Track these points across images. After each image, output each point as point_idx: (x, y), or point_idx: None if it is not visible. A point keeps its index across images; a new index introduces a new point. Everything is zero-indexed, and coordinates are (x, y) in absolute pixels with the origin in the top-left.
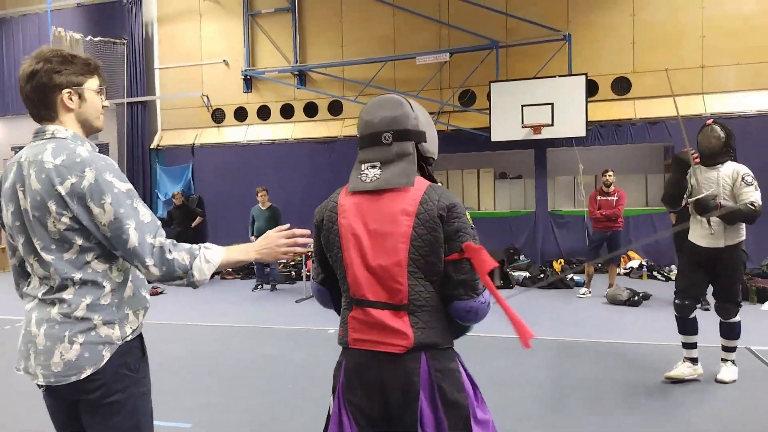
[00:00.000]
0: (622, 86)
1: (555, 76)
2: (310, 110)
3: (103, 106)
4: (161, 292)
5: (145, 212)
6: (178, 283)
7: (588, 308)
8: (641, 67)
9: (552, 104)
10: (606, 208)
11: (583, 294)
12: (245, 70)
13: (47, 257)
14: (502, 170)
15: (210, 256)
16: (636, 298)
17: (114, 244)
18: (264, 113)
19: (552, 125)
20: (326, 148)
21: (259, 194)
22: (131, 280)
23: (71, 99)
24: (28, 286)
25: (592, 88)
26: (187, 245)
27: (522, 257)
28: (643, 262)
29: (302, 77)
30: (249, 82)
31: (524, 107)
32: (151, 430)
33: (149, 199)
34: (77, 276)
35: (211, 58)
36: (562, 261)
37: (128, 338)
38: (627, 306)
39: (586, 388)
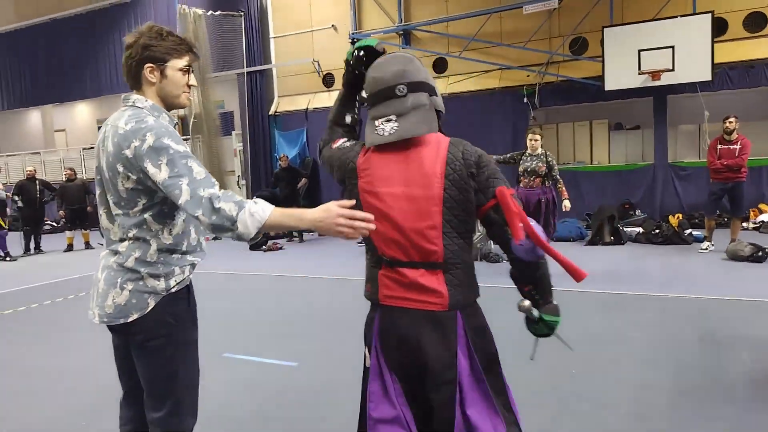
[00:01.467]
0: (756, 22)
1: (676, 17)
2: None
3: (188, 85)
4: (281, 248)
5: (199, 170)
6: (228, 235)
7: (704, 264)
8: None
9: (673, 47)
10: (728, 158)
11: (705, 249)
12: (352, 33)
13: (115, 211)
14: (617, 121)
15: (256, 210)
16: (760, 253)
17: (173, 200)
18: None
19: (673, 70)
20: None
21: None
22: (182, 241)
23: (152, 74)
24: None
25: (720, 27)
26: (238, 197)
27: (638, 212)
28: None
29: (407, 36)
30: None
31: (641, 52)
32: (192, 380)
33: (269, 163)
34: (132, 232)
35: (320, 24)
36: (680, 216)
37: (173, 290)
38: (750, 262)
39: (683, 347)
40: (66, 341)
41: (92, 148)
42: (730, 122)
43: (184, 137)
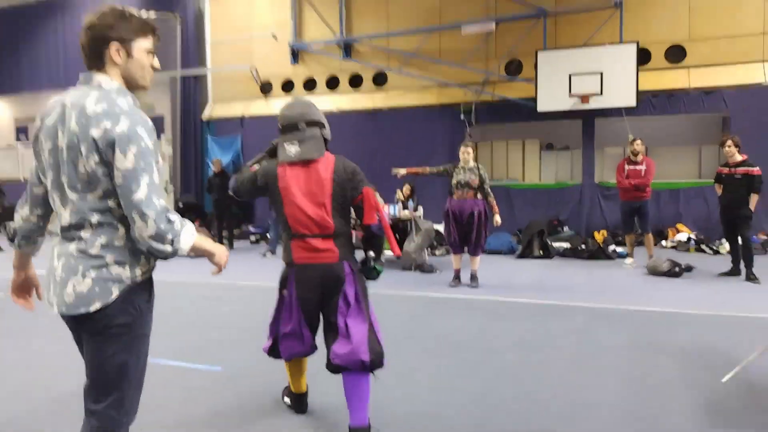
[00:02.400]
0: (676, 54)
1: (605, 44)
2: (355, 82)
3: (152, 67)
4: None
5: (157, 175)
6: (160, 248)
7: (625, 278)
8: (698, 35)
9: (601, 73)
10: (634, 178)
11: (629, 264)
12: (293, 43)
13: (72, 196)
14: (548, 141)
15: (192, 231)
16: (677, 269)
17: (122, 192)
18: (310, 85)
19: (601, 95)
20: (370, 119)
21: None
22: None
23: (118, 53)
24: (53, 222)
25: (643, 57)
26: (178, 216)
27: (566, 229)
28: (692, 236)
29: (348, 49)
30: (296, 55)
31: (572, 76)
32: (140, 376)
33: (200, 169)
34: (95, 218)
35: (260, 30)
36: (605, 233)
37: (138, 280)
38: (667, 277)
39: (608, 353)
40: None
41: (9, 147)
42: (637, 144)
43: None
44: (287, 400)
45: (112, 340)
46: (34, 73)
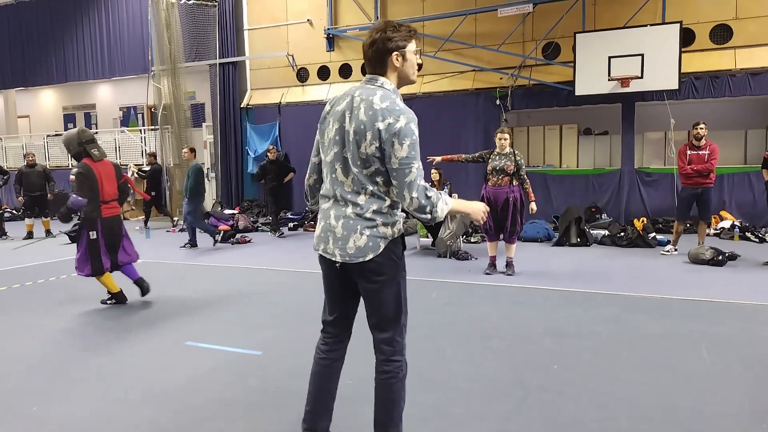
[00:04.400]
0: (721, 34)
1: (646, 25)
2: None
3: (418, 64)
4: (249, 241)
5: (419, 160)
6: (422, 216)
7: (665, 267)
8: (744, 13)
9: (642, 55)
10: (697, 163)
11: (668, 251)
12: (328, 29)
13: (353, 169)
14: (586, 126)
15: (447, 200)
16: (720, 257)
17: (396, 175)
18: (345, 71)
19: (641, 78)
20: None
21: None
22: (400, 199)
23: (398, 60)
24: (324, 188)
25: (687, 38)
26: (434, 190)
27: (604, 216)
28: (736, 223)
29: None
30: (331, 41)
31: (611, 59)
32: (407, 307)
33: (240, 156)
34: (369, 188)
35: (295, 17)
36: (645, 220)
37: (395, 236)
38: (709, 266)
39: (644, 342)
40: (19, 326)
41: (57, 135)
42: (700, 128)
43: (153, 128)
44: (110, 300)
45: (384, 285)
46: (80, 64)
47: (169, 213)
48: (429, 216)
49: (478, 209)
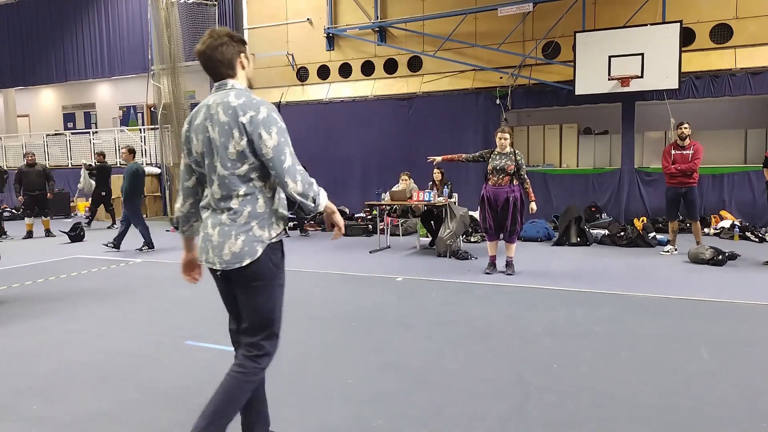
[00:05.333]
0: (721, 34)
1: (646, 25)
2: (390, 67)
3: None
4: None
5: (290, 145)
6: (305, 203)
7: (665, 266)
8: (745, 13)
9: (642, 54)
10: (681, 163)
11: (668, 251)
12: (328, 28)
13: (224, 173)
14: (586, 125)
15: (325, 194)
16: (720, 257)
17: (273, 164)
18: (345, 71)
19: (641, 77)
20: (405, 104)
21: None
22: (277, 197)
23: (245, 60)
24: (204, 199)
25: (687, 37)
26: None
27: (604, 215)
28: (736, 222)
29: (383, 34)
30: (331, 40)
31: (611, 58)
32: (281, 315)
33: None
34: (242, 190)
35: (295, 17)
36: (645, 219)
37: (273, 240)
38: (709, 265)
39: (643, 342)
40: (17, 326)
41: (57, 134)
42: (684, 128)
43: (153, 127)
44: None
45: (259, 292)
46: (79, 63)
47: (114, 213)
48: (312, 204)
49: (340, 220)
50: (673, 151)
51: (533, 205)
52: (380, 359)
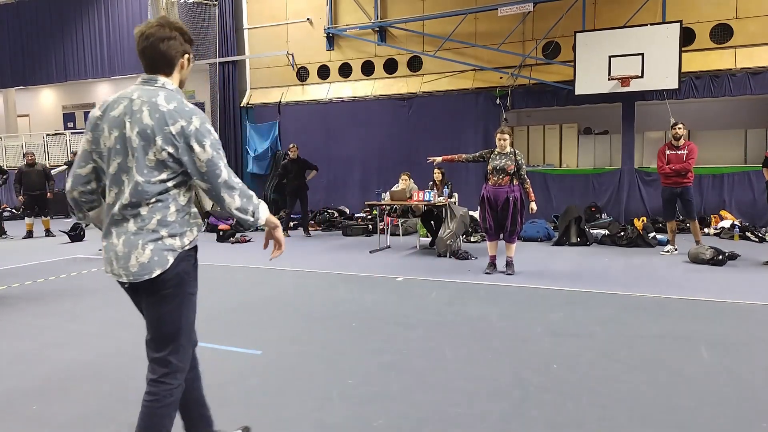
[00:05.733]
0: (721, 34)
1: (646, 25)
2: (390, 67)
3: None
4: (249, 240)
5: (225, 161)
6: (243, 218)
7: (665, 266)
8: (744, 13)
9: (642, 54)
10: (675, 163)
11: (667, 251)
12: (328, 28)
13: (138, 178)
14: (586, 125)
15: (266, 206)
16: (720, 257)
17: (208, 178)
18: (345, 70)
19: (641, 77)
20: (405, 104)
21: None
22: (191, 205)
23: (188, 62)
24: (108, 201)
25: (687, 37)
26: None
27: (604, 215)
28: (736, 222)
29: (383, 33)
30: (331, 40)
31: (612, 58)
32: (191, 327)
33: (240, 155)
34: (154, 197)
35: (295, 16)
36: (645, 219)
37: (186, 248)
38: (709, 265)
39: (643, 343)
40: (16, 327)
41: (57, 134)
42: (678, 128)
43: None
44: None
45: (166, 301)
46: (79, 63)
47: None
48: (252, 218)
49: (281, 236)
50: (667, 151)
51: (533, 205)
52: (380, 359)
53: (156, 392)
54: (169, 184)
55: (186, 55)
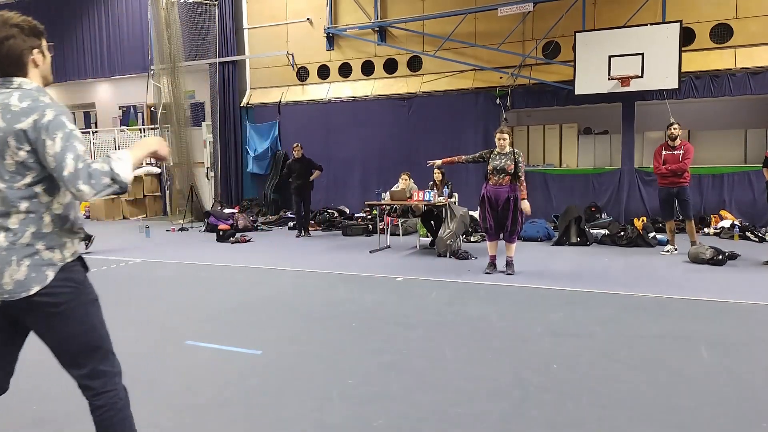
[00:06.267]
0: (721, 34)
1: (646, 25)
2: (390, 67)
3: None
4: (249, 240)
5: (81, 147)
6: (110, 191)
7: (665, 266)
8: (744, 12)
9: (642, 54)
10: (671, 163)
11: (668, 251)
12: (328, 28)
13: (0, 186)
14: (586, 125)
15: (119, 154)
16: (720, 257)
17: (57, 174)
18: (345, 70)
19: (641, 77)
20: (405, 104)
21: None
22: (70, 212)
23: (39, 57)
24: None
25: (687, 37)
26: (103, 159)
27: (604, 215)
28: (736, 222)
29: (382, 33)
30: (331, 40)
31: (611, 58)
32: (106, 331)
33: (240, 155)
34: (23, 206)
35: (295, 16)
36: (645, 219)
37: (68, 260)
38: (709, 265)
39: (643, 343)
40: None
41: None
42: (674, 128)
43: (153, 127)
44: None
45: (65, 318)
46: (79, 63)
47: None
48: (117, 187)
49: (157, 144)
50: (663, 152)
51: (525, 204)
52: (380, 359)
53: (102, 405)
54: (36, 189)
55: (35, 50)
